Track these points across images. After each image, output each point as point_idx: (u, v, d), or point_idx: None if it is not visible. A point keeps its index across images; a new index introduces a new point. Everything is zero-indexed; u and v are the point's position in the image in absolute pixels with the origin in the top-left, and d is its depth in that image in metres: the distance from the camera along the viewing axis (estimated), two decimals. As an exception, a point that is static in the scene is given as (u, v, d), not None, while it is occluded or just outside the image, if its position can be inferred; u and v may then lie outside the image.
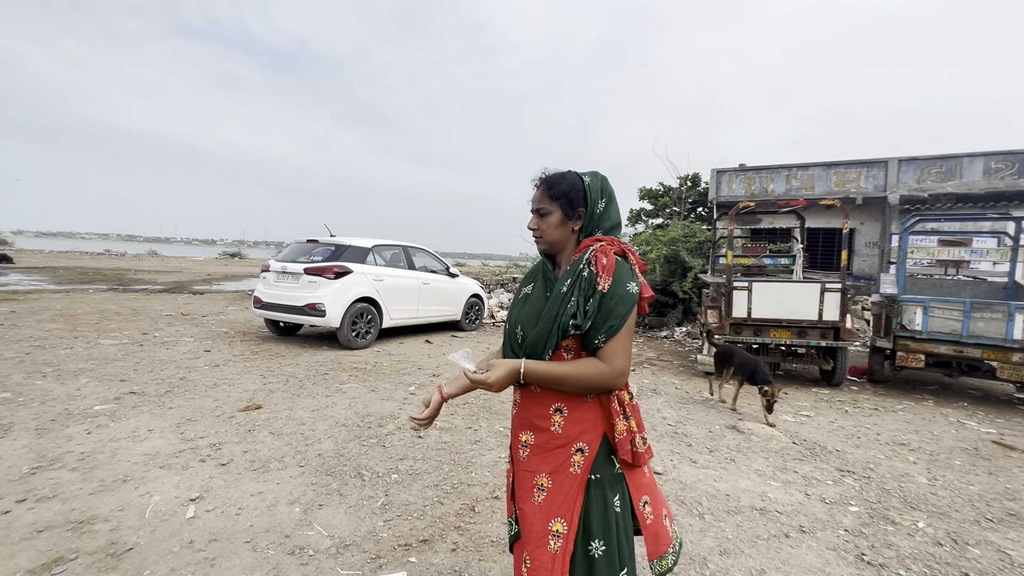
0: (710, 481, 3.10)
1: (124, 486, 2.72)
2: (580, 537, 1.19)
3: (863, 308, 9.83)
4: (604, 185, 1.31)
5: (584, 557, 1.19)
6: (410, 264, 7.95)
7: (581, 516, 1.19)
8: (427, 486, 2.90)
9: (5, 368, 4.85)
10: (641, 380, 5.72)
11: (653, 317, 10.54)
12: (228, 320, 8.77)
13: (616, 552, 1.18)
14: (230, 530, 2.37)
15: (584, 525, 1.19)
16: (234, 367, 5.40)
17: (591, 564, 1.18)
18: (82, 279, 15.85)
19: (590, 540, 1.18)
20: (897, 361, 5.48)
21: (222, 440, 3.40)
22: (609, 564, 1.17)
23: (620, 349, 1.18)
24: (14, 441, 3.21)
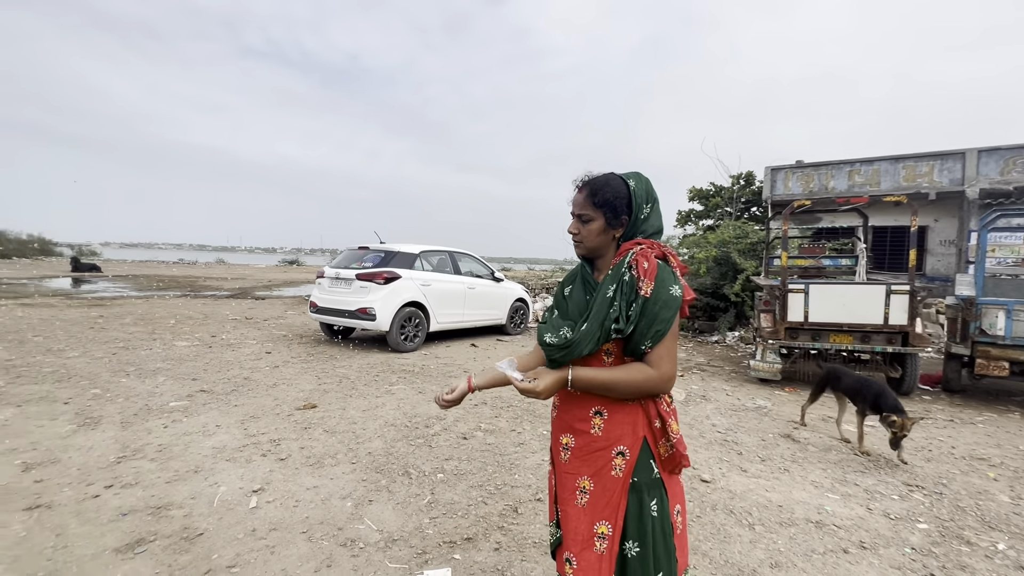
0: (761, 491, 2.98)
1: (195, 476, 2.95)
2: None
3: (937, 312, 9.12)
4: (649, 189, 1.30)
5: (620, 557, 1.19)
6: (456, 269, 8.12)
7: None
8: (471, 486, 2.96)
9: (96, 367, 5.35)
10: (690, 386, 5.57)
11: (703, 321, 10.22)
12: (287, 324, 9.26)
13: (651, 555, 1.18)
14: (288, 521, 2.52)
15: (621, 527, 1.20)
16: (292, 368, 5.71)
17: (624, 563, 1.19)
18: (159, 286, 17.21)
19: (624, 540, 1.19)
20: (976, 369, 5.05)
21: (281, 436, 3.62)
22: (643, 566, 1.17)
23: (667, 354, 1.18)
24: (103, 432, 3.55)
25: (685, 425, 4.19)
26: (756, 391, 5.44)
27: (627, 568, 1.18)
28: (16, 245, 34.00)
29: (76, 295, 13.18)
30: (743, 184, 17.36)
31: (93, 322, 8.39)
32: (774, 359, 5.66)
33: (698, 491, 2.97)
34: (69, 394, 4.37)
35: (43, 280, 17.63)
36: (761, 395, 5.26)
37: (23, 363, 5.38)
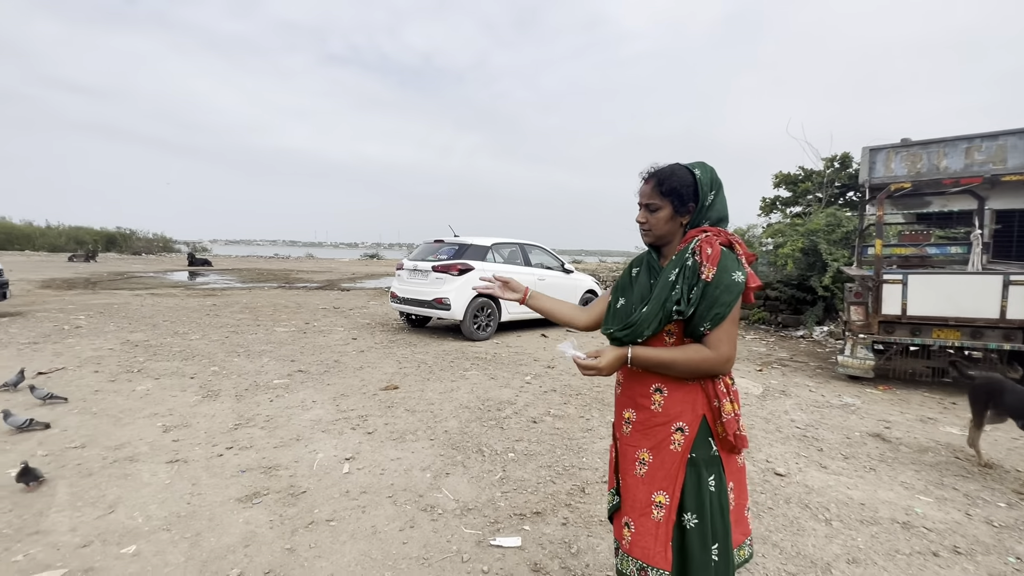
0: (842, 488, 2.85)
1: (297, 443, 3.35)
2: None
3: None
4: (714, 177, 1.35)
5: (677, 527, 1.27)
6: (526, 261, 8.29)
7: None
8: (540, 466, 3.10)
9: (213, 348, 6.12)
10: (769, 381, 5.33)
11: (787, 315, 9.64)
12: (370, 313, 9.94)
13: (709, 527, 1.24)
14: (376, 486, 2.80)
15: (679, 498, 1.27)
16: (376, 353, 6.17)
17: (684, 534, 1.26)
18: (259, 278, 19.02)
19: (683, 512, 1.26)
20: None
21: (368, 413, 3.97)
22: (701, 536, 1.24)
23: (726, 336, 1.23)
24: (222, 404, 4.10)
25: (761, 419, 4.05)
26: (844, 388, 5.10)
27: (686, 538, 1.26)
28: (144, 243, 38.96)
29: (193, 286, 14.94)
30: (838, 167, 15.92)
31: (208, 310, 9.52)
32: (866, 355, 5.26)
33: (771, 484, 2.90)
34: (194, 370, 5.06)
35: (167, 273, 20.12)
36: (849, 392, 4.93)
37: (157, 343, 6.27)
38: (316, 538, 2.28)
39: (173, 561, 2.09)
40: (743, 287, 1.24)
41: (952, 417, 4.25)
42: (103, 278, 16.39)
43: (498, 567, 2.12)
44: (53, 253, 31.27)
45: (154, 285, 14.69)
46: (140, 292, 12.41)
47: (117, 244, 36.94)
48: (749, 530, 1.39)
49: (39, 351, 5.69)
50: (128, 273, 19.11)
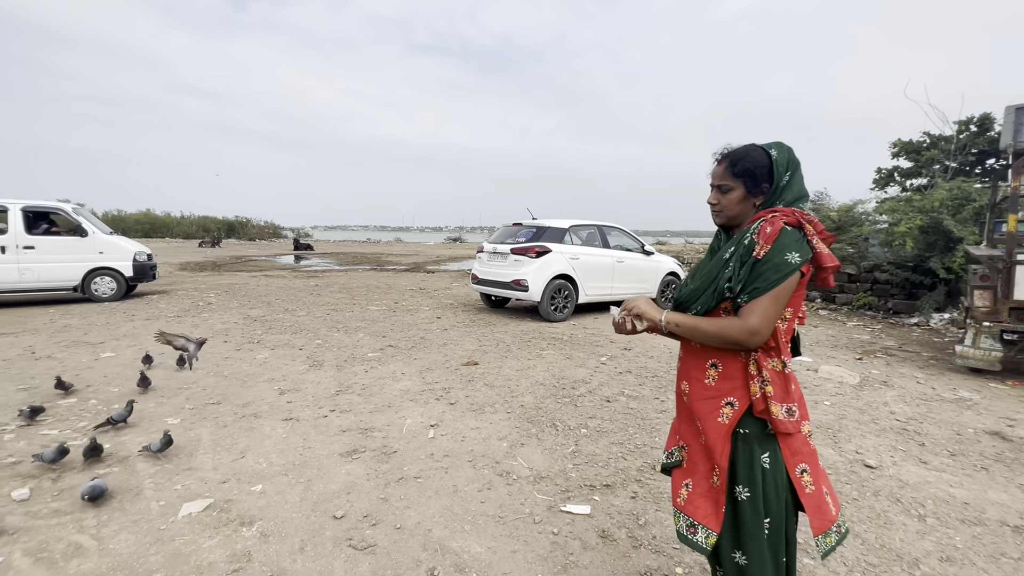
0: (943, 485, 2.64)
1: (388, 410, 3.71)
2: (728, 480, 1.31)
3: None
4: (791, 157, 1.33)
5: (731, 497, 1.31)
6: (605, 243, 8.22)
7: (729, 462, 1.31)
8: (612, 443, 3.19)
9: (317, 323, 6.83)
10: (869, 371, 4.93)
11: (900, 300, 8.68)
12: (452, 294, 10.43)
13: (761, 501, 1.26)
14: (457, 451, 3.06)
15: (731, 471, 1.31)
16: (458, 331, 6.53)
17: (736, 505, 1.30)
18: (354, 261, 20.54)
19: (735, 484, 1.30)
20: None
21: (450, 386, 4.27)
22: (753, 509, 1.27)
23: (759, 310, 1.21)
24: (325, 372, 4.61)
25: (854, 410, 3.80)
26: (961, 381, 4.59)
27: (738, 508, 1.30)
28: (257, 230, 43.43)
29: (298, 268, 16.52)
30: (975, 131, 13.79)
31: (311, 289, 10.53)
32: (991, 345, 4.67)
33: (859, 475, 2.76)
34: (302, 343, 5.71)
35: (276, 257, 22.38)
36: (968, 386, 4.43)
37: (271, 319, 7.11)
38: (405, 492, 2.57)
39: (291, 500, 2.47)
40: (795, 268, 1.21)
41: (1099, 418, 3.69)
42: (226, 261, 18.62)
43: (567, 530, 2.26)
44: (186, 240, 35.92)
45: (266, 267, 16.45)
46: (256, 274, 13.99)
47: (236, 231, 41.58)
48: (833, 516, 1.36)
49: (182, 323, 6.71)
50: (245, 257, 21.52)
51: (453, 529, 2.26)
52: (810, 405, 3.91)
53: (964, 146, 13.64)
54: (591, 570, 2.01)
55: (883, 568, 2.01)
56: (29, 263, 7.89)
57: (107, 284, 8.57)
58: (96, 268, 8.44)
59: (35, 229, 8.10)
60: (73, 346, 5.40)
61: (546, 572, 1.99)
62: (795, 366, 4.78)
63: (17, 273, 7.81)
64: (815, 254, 1.25)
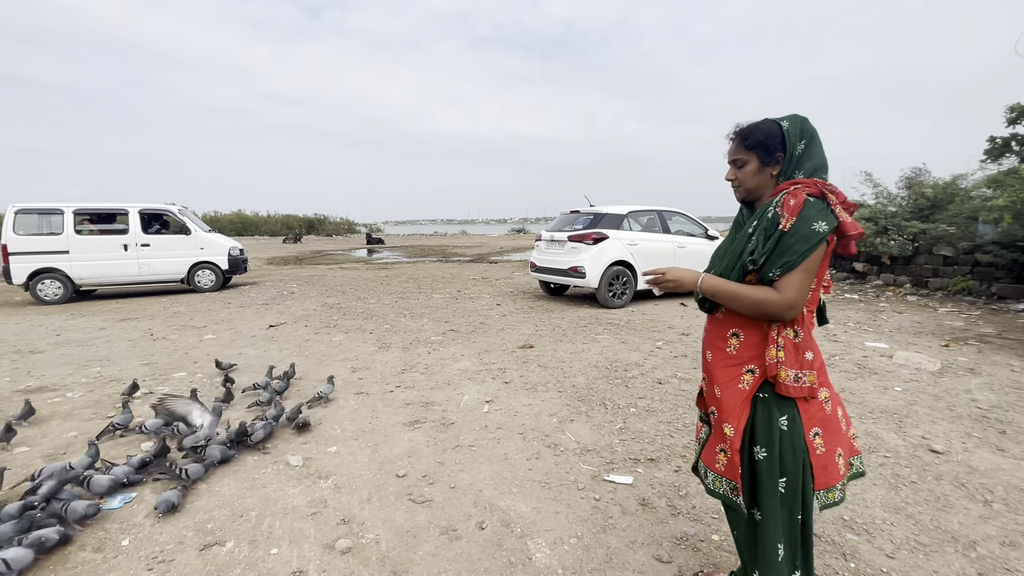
0: (1019, 473, 2.47)
1: (448, 387, 3.98)
2: (746, 442, 1.38)
3: None
4: (804, 126, 1.36)
5: (750, 458, 1.38)
6: (665, 228, 8.08)
7: (748, 424, 1.38)
8: (660, 422, 3.25)
9: (385, 310, 7.32)
10: (956, 357, 4.55)
11: (1006, 284, 7.80)
12: (513, 283, 10.67)
13: (777, 461, 1.32)
14: (509, 424, 3.26)
15: (751, 432, 1.38)
16: (516, 317, 6.74)
17: (754, 464, 1.37)
18: (421, 253, 21.42)
19: (754, 445, 1.37)
20: None
21: (506, 367, 4.48)
22: (769, 468, 1.33)
23: (794, 284, 1.26)
24: (392, 353, 4.99)
25: (929, 396, 3.57)
26: (1066, 370, 4.13)
27: (756, 468, 1.37)
28: (334, 226, 46.25)
29: (370, 261, 17.52)
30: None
31: (382, 280, 11.20)
32: (1107, 330, 4.16)
33: (921, 460, 2.64)
34: (372, 327, 6.17)
35: (351, 251, 23.80)
36: (1074, 375, 3.99)
37: (346, 306, 7.71)
38: (460, 457, 2.81)
39: (361, 460, 2.78)
40: (823, 237, 1.24)
41: None
42: (306, 255, 20.11)
43: (609, 497, 2.39)
44: (272, 237, 39.00)
45: (342, 260, 17.60)
46: (332, 266, 15.04)
47: (315, 228, 44.55)
48: (840, 475, 1.42)
49: (270, 309, 7.45)
50: (323, 251, 23.09)
51: (502, 491, 2.46)
52: (878, 390, 3.72)
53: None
54: (629, 532, 2.12)
55: (934, 548, 1.96)
56: (146, 259, 9.06)
57: (207, 276, 9.64)
58: (199, 262, 9.52)
59: (149, 229, 9.27)
60: (182, 329, 6.20)
61: (585, 532, 2.13)
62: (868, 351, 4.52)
63: (136, 268, 9.01)
64: (839, 223, 1.29)
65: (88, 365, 4.68)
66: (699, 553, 1.98)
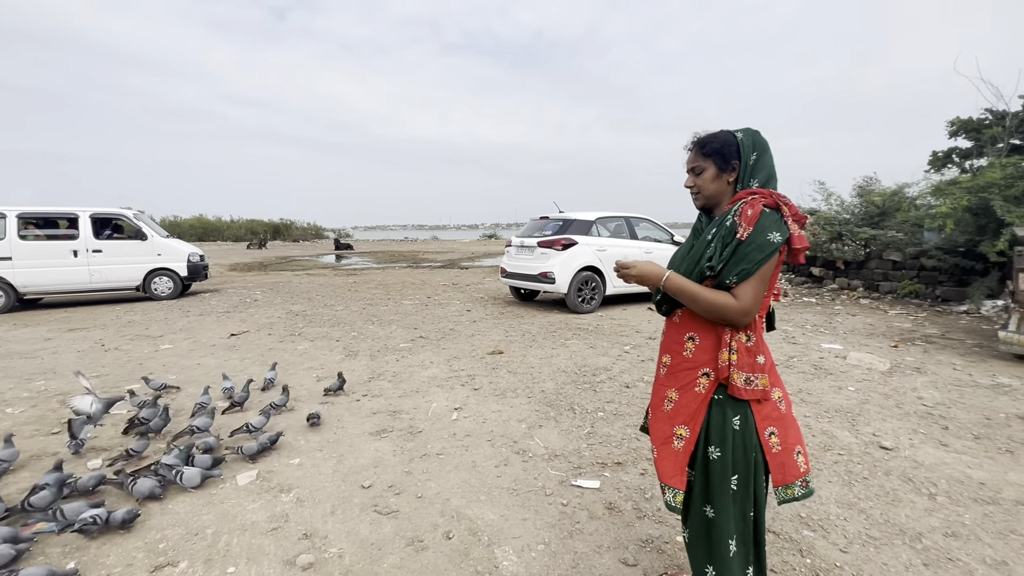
0: (960, 467, 2.61)
1: (416, 395, 3.93)
2: (702, 442, 1.42)
3: None
4: (756, 138, 1.42)
5: (704, 458, 1.42)
6: (632, 234, 8.23)
7: (703, 426, 1.42)
8: (627, 425, 3.29)
9: (353, 317, 7.19)
10: (904, 357, 4.79)
11: (948, 287, 8.27)
12: (484, 288, 10.66)
13: (730, 460, 1.36)
14: (478, 431, 3.24)
15: (705, 433, 1.41)
16: (486, 323, 6.73)
17: (708, 463, 1.41)
18: (391, 259, 21.15)
19: (708, 445, 1.40)
20: None
21: (475, 373, 4.46)
22: (723, 466, 1.37)
23: (750, 291, 1.31)
24: (360, 361, 4.90)
25: (879, 395, 3.74)
26: (1002, 368, 4.40)
27: (709, 467, 1.41)
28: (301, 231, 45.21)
29: (338, 267, 17.19)
30: (1048, 105, 12.74)
31: (350, 286, 11.00)
32: (1037, 330, 4.46)
33: (872, 456, 2.76)
34: (339, 335, 6.05)
35: (318, 256, 23.30)
36: (1008, 373, 4.25)
37: (312, 313, 7.53)
38: (428, 466, 2.77)
39: (325, 472, 2.71)
40: (777, 247, 1.29)
41: None
42: (272, 261, 19.58)
43: (576, 502, 2.40)
44: (236, 242, 37.81)
45: (309, 266, 17.21)
46: (299, 272, 14.68)
47: (281, 233, 43.45)
48: (800, 472, 1.46)
49: (231, 318, 7.21)
50: (290, 257, 22.53)
51: (469, 499, 2.44)
52: (833, 390, 3.87)
53: (1023, 122, 12.69)
54: (595, 537, 2.14)
55: (884, 541, 2.05)
56: (98, 265, 8.63)
57: (165, 283, 9.26)
58: (155, 269, 9.14)
59: (102, 234, 8.85)
60: (137, 339, 5.93)
61: (553, 538, 2.13)
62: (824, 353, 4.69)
63: (88, 275, 8.57)
64: (790, 235, 1.34)
65: (31, 379, 4.41)
66: (664, 555, 2.02)
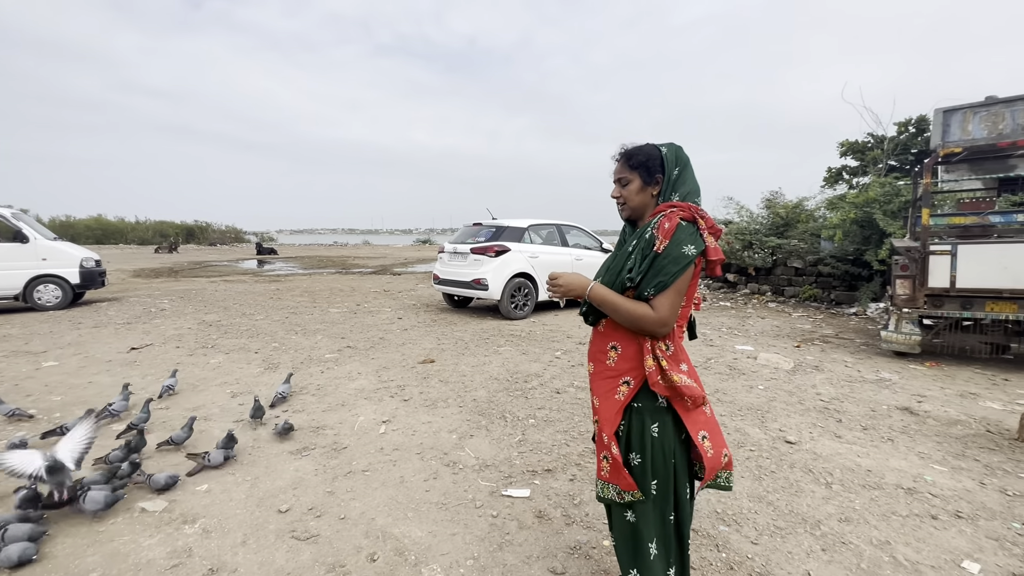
0: (852, 456, 2.89)
1: (342, 408, 3.75)
2: (623, 449, 1.46)
3: None
4: (679, 154, 1.48)
5: (625, 463, 1.45)
6: (563, 241, 8.42)
7: (624, 433, 1.45)
8: (558, 431, 3.33)
9: (274, 327, 6.76)
10: (804, 357, 5.25)
11: (841, 292, 9.22)
12: (416, 295, 10.44)
13: (650, 465, 1.41)
14: (407, 444, 3.14)
15: (626, 441, 1.45)
16: (418, 331, 6.58)
17: (631, 470, 1.45)
18: (319, 265, 20.22)
19: (630, 452, 1.45)
20: None
21: (406, 383, 4.34)
22: (643, 472, 1.42)
23: (667, 303, 1.36)
24: (280, 374, 4.59)
25: (784, 392, 4.07)
26: (884, 364, 4.95)
27: (632, 472, 1.44)
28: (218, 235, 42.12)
29: (260, 273, 16.16)
30: (912, 132, 14.68)
31: (272, 294, 10.36)
32: (911, 330, 5.06)
33: (779, 451, 2.98)
34: (258, 346, 5.66)
35: (238, 262, 21.79)
36: (889, 368, 4.79)
37: (228, 323, 7.00)
38: (352, 484, 2.64)
39: (237, 497, 2.50)
40: (692, 260, 1.35)
41: (999, 393, 4.07)
42: (184, 267, 18.04)
43: (506, 513, 2.39)
44: (142, 246, 34.50)
45: (227, 272, 16.03)
46: (215, 279, 13.63)
47: (195, 236, 40.23)
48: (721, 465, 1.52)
49: (133, 329, 6.53)
50: (205, 262, 20.88)
51: (396, 517, 2.35)
52: (745, 389, 4.16)
53: (903, 146, 14.50)
54: (525, 547, 2.13)
55: (789, 530, 2.21)
56: (-36, 272, 7.51)
57: (51, 292, 8.23)
58: (39, 276, 8.10)
59: (-30, 236, 7.72)
60: (13, 356, 5.21)
61: (482, 552, 2.10)
62: (737, 354, 5.01)
63: (-49, 283, 7.43)
64: (706, 247, 1.40)
65: None
66: (591, 560, 2.05)
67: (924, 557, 2.03)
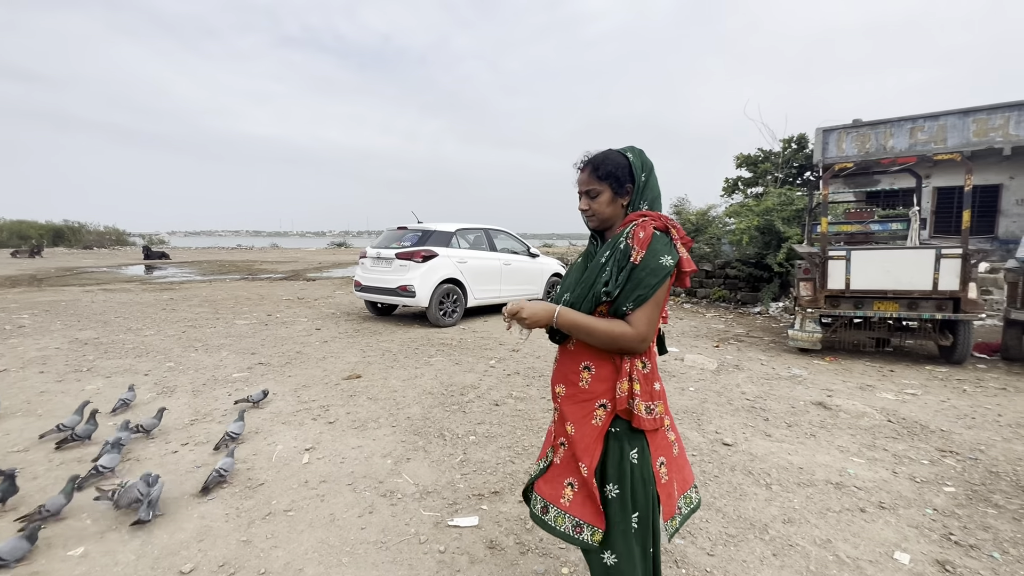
0: (783, 454, 3.03)
1: (256, 436, 3.31)
2: (599, 480, 1.33)
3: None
4: (644, 159, 1.38)
5: (602, 497, 1.33)
6: (492, 246, 8.29)
7: (600, 462, 1.33)
8: (501, 447, 3.17)
9: (169, 343, 5.94)
10: (724, 356, 5.55)
11: (746, 292, 10.00)
12: (335, 303, 9.79)
13: (629, 496, 1.29)
14: (336, 474, 2.81)
15: (602, 470, 1.33)
16: (340, 343, 6.11)
17: (607, 504, 1.32)
18: (220, 270, 18.41)
19: (606, 483, 1.32)
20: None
21: (330, 403, 3.95)
22: (622, 506, 1.30)
23: (646, 318, 1.25)
24: (178, 399, 4.00)
25: (714, 393, 4.23)
26: (793, 360, 5.36)
27: (608, 507, 1.32)
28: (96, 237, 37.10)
29: (149, 280, 14.36)
30: (795, 148, 16.43)
31: (164, 304, 9.19)
32: (814, 328, 5.53)
33: (719, 453, 3.06)
34: (148, 367, 4.91)
35: (120, 268, 19.25)
36: (798, 364, 5.19)
37: (108, 341, 6.04)
38: (273, 529, 2.29)
39: (124, 560, 2.06)
40: (670, 271, 1.27)
41: (889, 384, 4.53)
42: (50, 274, 15.57)
43: (455, 546, 2.18)
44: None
45: (106, 280, 14.05)
46: (90, 288, 11.86)
47: (65, 238, 35.10)
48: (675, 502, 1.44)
49: (-22, 353, 5.40)
50: (77, 268, 18.20)
51: (329, 564, 2.05)
52: (677, 391, 4.27)
53: (789, 160, 16.17)
54: (479, 584, 1.94)
55: (740, 537, 2.22)
56: None
57: None
58: None
59: None
60: None
61: (432, 595, 1.88)
62: (665, 356, 5.15)
63: None
64: (680, 258, 1.31)
65: None
66: (551, 592, 1.90)
67: (862, 552, 2.12)
